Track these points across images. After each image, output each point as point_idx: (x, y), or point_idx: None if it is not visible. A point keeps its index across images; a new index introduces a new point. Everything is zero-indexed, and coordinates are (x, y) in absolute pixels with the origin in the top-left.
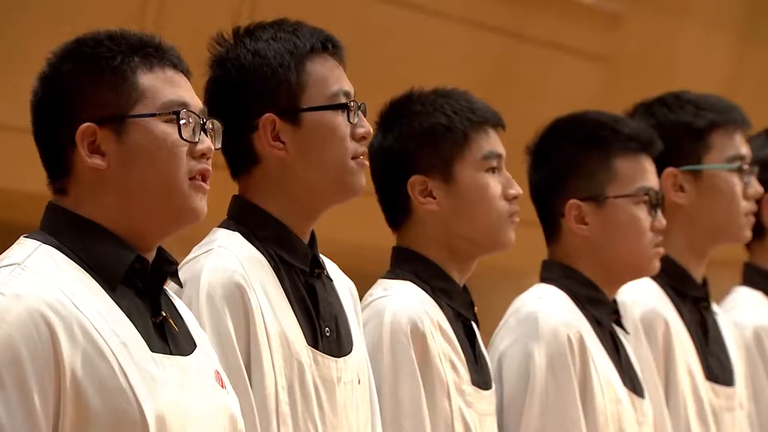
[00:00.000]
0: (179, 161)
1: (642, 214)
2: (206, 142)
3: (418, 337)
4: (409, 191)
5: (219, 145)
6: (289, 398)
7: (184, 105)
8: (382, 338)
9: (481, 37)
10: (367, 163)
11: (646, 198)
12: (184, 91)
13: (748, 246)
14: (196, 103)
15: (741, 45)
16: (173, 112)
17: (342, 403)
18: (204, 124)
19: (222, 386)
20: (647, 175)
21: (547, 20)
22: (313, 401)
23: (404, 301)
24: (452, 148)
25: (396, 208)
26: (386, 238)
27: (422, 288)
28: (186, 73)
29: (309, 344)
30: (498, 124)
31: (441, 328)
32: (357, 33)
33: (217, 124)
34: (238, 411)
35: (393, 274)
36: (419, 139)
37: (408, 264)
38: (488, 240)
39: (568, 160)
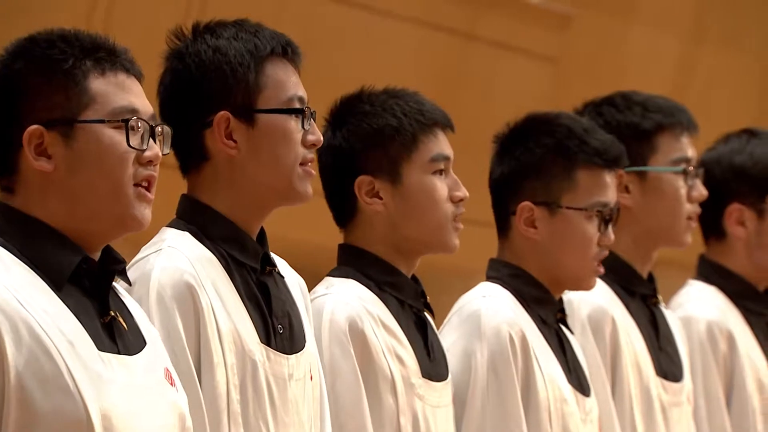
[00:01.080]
0: (125, 168)
1: (591, 228)
2: (154, 149)
3: (357, 335)
4: (356, 191)
5: (167, 151)
6: (241, 396)
7: (134, 111)
8: (321, 336)
9: (430, 37)
10: (314, 172)
11: (598, 214)
12: (134, 96)
13: (707, 242)
14: (147, 108)
15: (690, 46)
16: (122, 120)
17: (293, 400)
18: (153, 129)
19: (172, 384)
20: (606, 190)
21: (497, 20)
22: (265, 399)
23: (343, 299)
24: (400, 150)
25: (343, 207)
26: (339, 238)
27: (366, 284)
28: (138, 76)
29: (262, 341)
30: (447, 125)
31: (384, 324)
32: (307, 32)
33: (167, 129)
34: (188, 409)
35: (337, 271)
36: (368, 139)
37: (354, 261)
38: (433, 241)
39: (531, 161)
